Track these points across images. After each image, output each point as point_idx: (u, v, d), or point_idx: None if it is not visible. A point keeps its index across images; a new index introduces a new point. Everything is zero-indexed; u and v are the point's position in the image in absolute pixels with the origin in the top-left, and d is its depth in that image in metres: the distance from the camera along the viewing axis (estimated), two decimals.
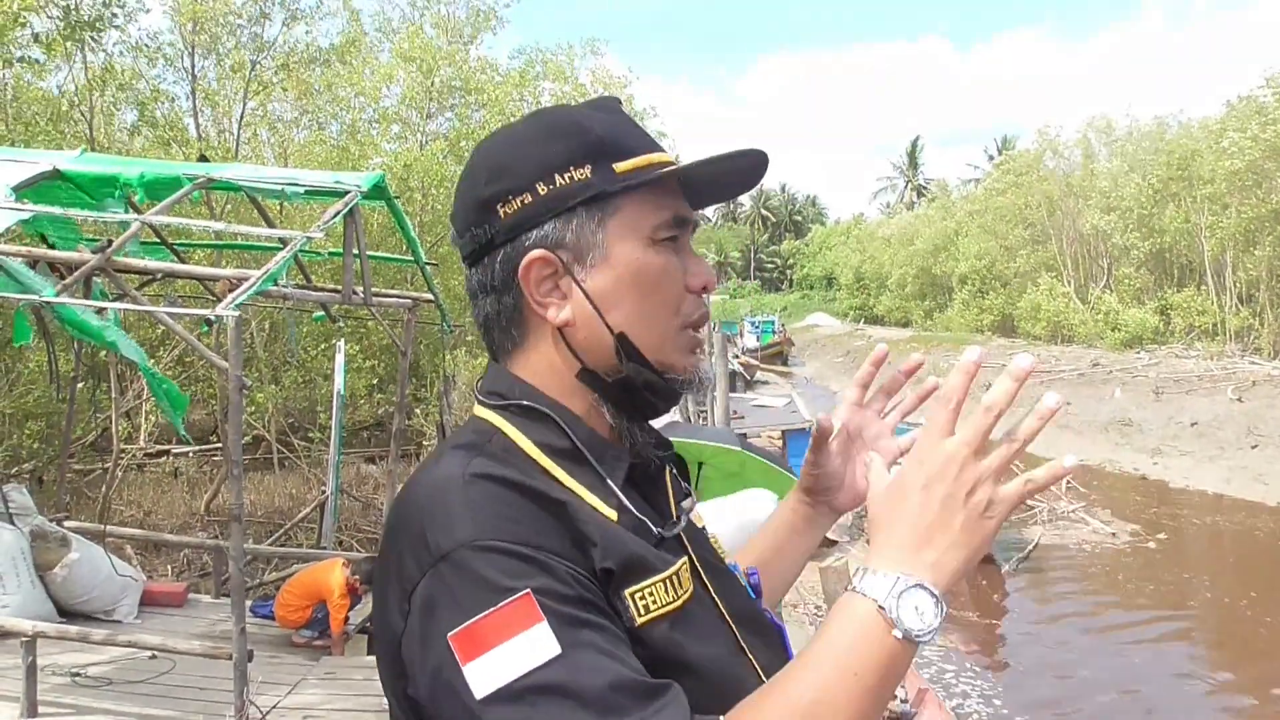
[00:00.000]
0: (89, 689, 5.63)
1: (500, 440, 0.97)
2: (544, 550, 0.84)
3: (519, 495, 0.88)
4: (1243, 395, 19.36)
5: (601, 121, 1.02)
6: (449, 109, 18.01)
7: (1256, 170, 23.88)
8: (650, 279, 1.00)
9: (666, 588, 0.92)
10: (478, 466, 0.90)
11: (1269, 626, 9.50)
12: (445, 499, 0.88)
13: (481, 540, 0.83)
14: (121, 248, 5.08)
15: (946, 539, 0.86)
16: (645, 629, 0.88)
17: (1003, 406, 0.85)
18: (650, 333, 1.01)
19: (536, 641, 0.78)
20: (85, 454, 11.37)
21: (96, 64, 13.23)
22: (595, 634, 0.81)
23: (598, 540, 0.89)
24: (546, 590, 0.81)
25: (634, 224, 0.99)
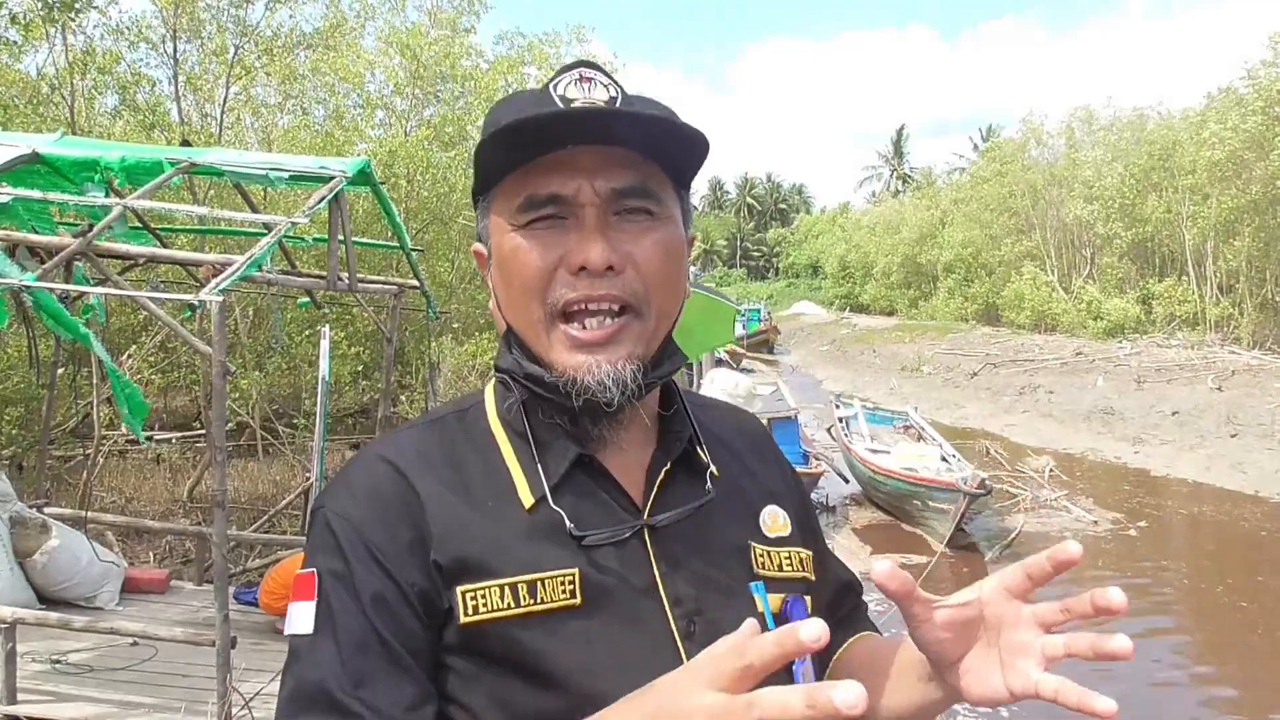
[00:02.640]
0: (69, 676, 5.60)
1: (476, 410, 1.05)
2: (363, 537, 0.91)
3: (386, 482, 0.95)
4: (1222, 385, 19.51)
5: (505, 108, 1.00)
6: (434, 96, 17.91)
7: (1236, 161, 24.04)
8: (507, 265, 0.97)
9: (504, 592, 0.90)
10: (388, 445, 1.00)
11: (1244, 611, 9.60)
12: (348, 466, 1.00)
13: (325, 508, 0.95)
14: (103, 232, 5.04)
15: None
16: (475, 628, 0.90)
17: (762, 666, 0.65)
18: (520, 323, 0.99)
19: (304, 614, 0.90)
20: (66, 440, 11.30)
21: (76, 46, 13.10)
22: (345, 633, 0.88)
23: (438, 535, 0.93)
24: (335, 574, 0.91)
25: (501, 211, 0.98)
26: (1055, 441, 19.10)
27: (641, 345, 0.96)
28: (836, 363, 36.11)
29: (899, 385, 27.53)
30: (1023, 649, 0.87)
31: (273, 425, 12.49)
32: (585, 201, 0.93)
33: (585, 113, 0.92)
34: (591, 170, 0.93)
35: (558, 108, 0.93)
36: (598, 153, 0.93)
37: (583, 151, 0.93)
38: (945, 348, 31.34)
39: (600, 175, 0.94)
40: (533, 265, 0.94)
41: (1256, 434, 16.83)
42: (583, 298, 0.93)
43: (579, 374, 0.94)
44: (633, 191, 0.95)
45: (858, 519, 13.50)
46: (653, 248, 0.96)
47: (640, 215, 0.96)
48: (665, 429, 1.06)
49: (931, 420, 17.99)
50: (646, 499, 1.00)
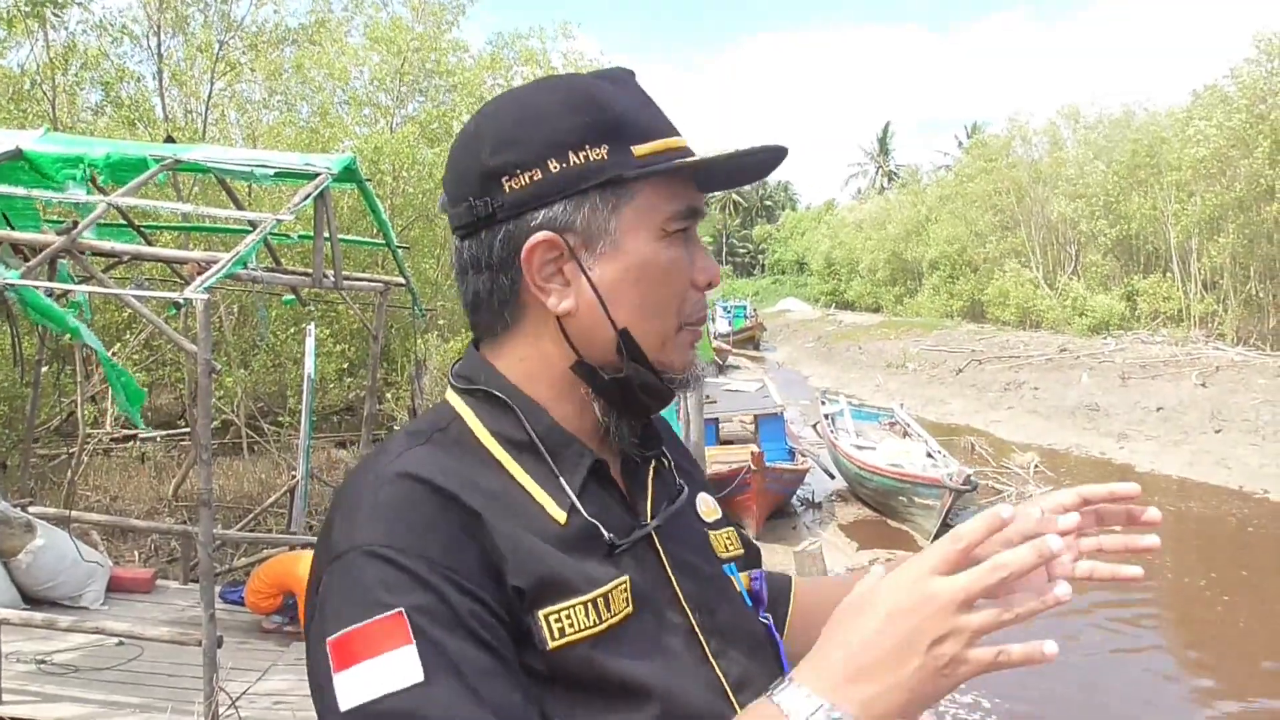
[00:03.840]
0: (55, 676, 5.57)
1: (457, 426, 0.94)
2: (438, 565, 0.80)
3: (434, 500, 0.84)
4: (1206, 381, 19.63)
5: (620, 98, 0.95)
6: (420, 92, 17.86)
7: (1221, 158, 24.19)
8: (658, 274, 0.94)
9: (588, 610, 0.87)
10: (405, 461, 0.87)
11: (1226, 604, 9.70)
12: (359, 495, 0.86)
13: (372, 546, 0.80)
14: (87, 229, 5.01)
15: (891, 679, 0.76)
16: (560, 652, 0.84)
17: (1013, 574, 0.75)
18: (652, 331, 0.95)
19: (401, 664, 0.76)
20: (50, 439, 11.23)
21: (59, 42, 13.00)
22: (467, 664, 0.77)
23: (509, 556, 0.85)
24: (424, 609, 0.78)
25: (648, 213, 0.93)
26: (1040, 437, 19.21)
27: None
28: (822, 359, 36.21)
29: (884, 382, 27.63)
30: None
31: (258, 423, 12.44)
32: (699, 220, 0.99)
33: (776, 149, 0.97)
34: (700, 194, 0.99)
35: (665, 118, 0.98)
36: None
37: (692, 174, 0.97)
38: (930, 344, 31.44)
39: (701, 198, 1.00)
40: (685, 277, 0.97)
41: (1240, 430, 16.95)
42: (704, 315, 1.01)
43: (693, 369, 1.00)
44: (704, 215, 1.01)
45: (844, 515, 13.55)
46: None
47: None
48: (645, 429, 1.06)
49: (917, 416, 18.08)
50: (641, 502, 1.00)
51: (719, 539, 1.10)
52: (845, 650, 0.77)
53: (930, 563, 0.77)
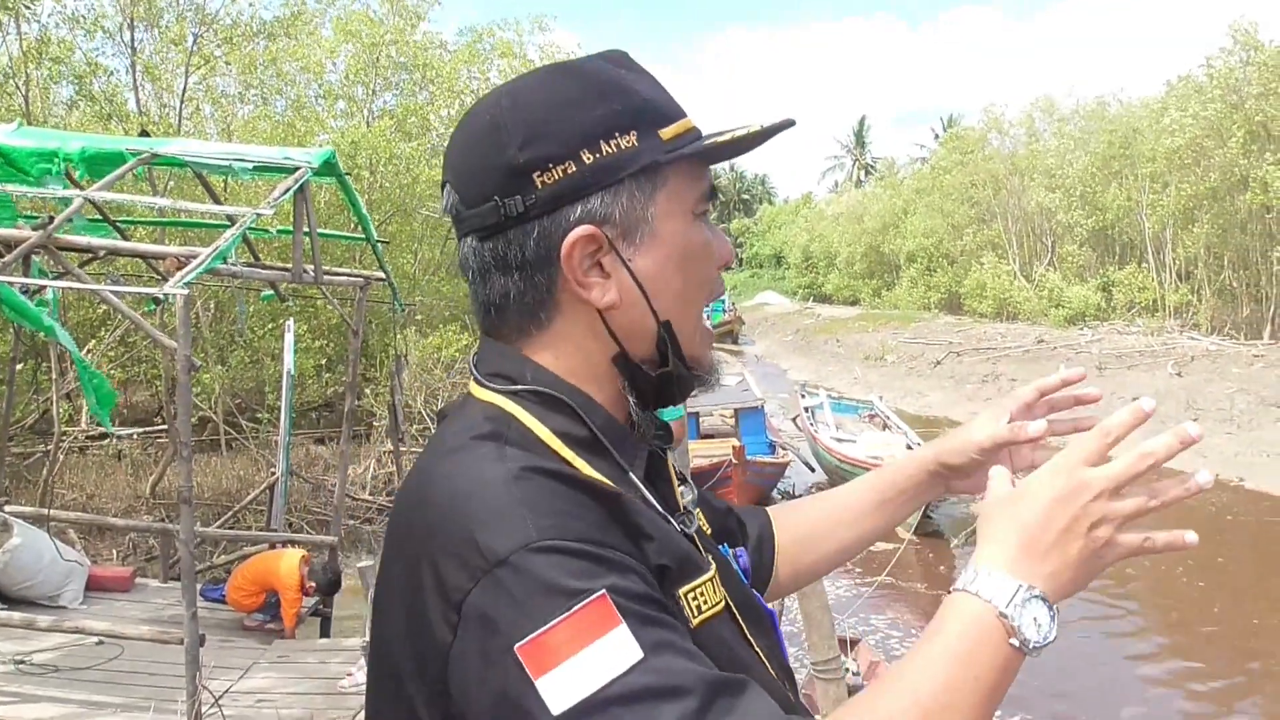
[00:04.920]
0: (34, 677, 5.51)
1: (518, 428, 0.88)
2: (609, 546, 0.77)
3: (574, 490, 0.81)
4: (1182, 370, 19.83)
5: (638, 81, 0.93)
6: (394, 86, 17.76)
7: (1196, 148, 24.40)
8: (696, 257, 0.93)
9: (714, 587, 0.89)
10: (519, 459, 0.83)
11: (1202, 590, 9.82)
12: (492, 497, 0.80)
13: (543, 541, 0.75)
14: (63, 224, 4.94)
15: (1060, 558, 0.83)
16: (702, 629, 0.84)
17: (1159, 460, 0.82)
18: (687, 320, 0.94)
19: (617, 646, 0.71)
20: (25, 436, 11.11)
21: (30, 35, 12.84)
22: (672, 633, 0.75)
23: (654, 535, 0.84)
24: (620, 590, 0.74)
25: (679, 197, 0.91)
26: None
27: None
28: (801, 352, 36.29)
29: (863, 374, 27.72)
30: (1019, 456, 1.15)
31: (236, 420, 12.36)
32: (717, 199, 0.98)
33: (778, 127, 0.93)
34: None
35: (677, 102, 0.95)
36: None
37: None
38: (909, 337, 31.59)
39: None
40: (715, 259, 0.96)
41: (1216, 418, 17.12)
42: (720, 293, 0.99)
43: (715, 370, 1.00)
44: None
45: None
46: None
47: None
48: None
49: (896, 409, 18.15)
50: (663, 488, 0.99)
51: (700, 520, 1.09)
52: (1017, 535, 0.84)
53: (1083, 453, 0.85)
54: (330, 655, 6.36)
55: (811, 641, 4.17)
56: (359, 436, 12.65)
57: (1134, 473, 0.83)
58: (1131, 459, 0.82)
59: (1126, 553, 0.85)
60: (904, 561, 10.53)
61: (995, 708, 0.80)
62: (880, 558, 10.75)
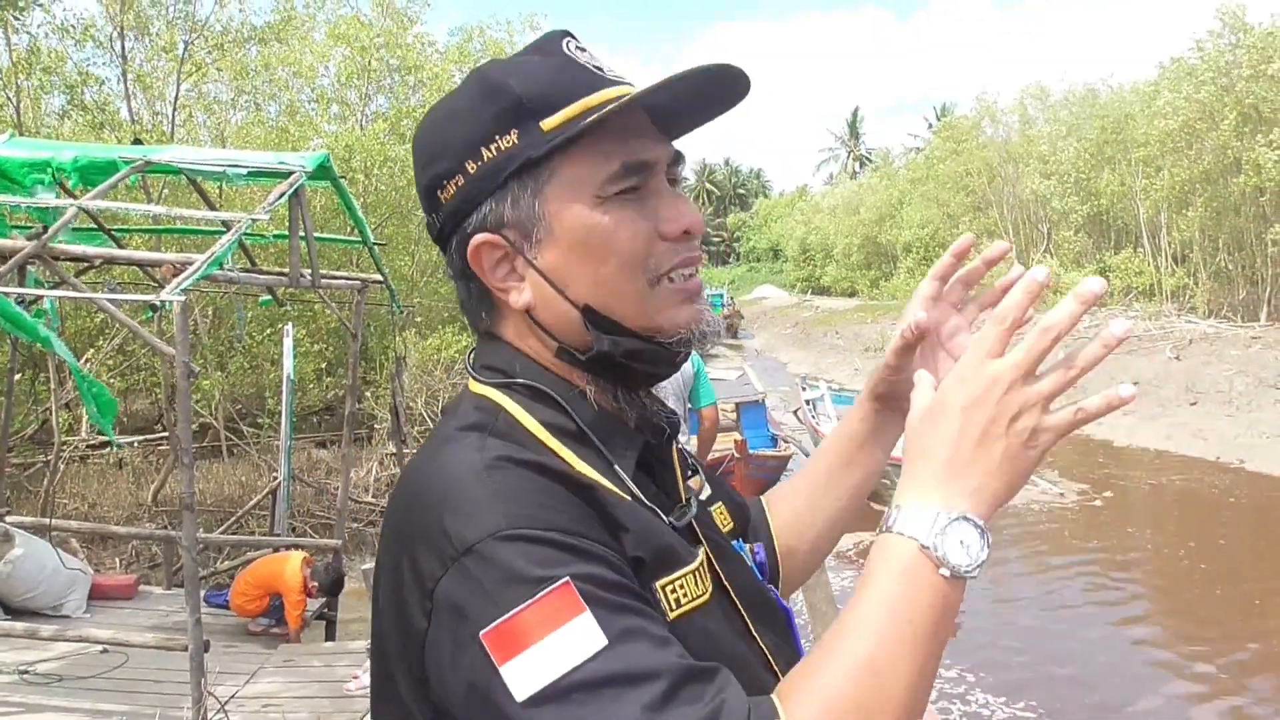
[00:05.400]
0: (38, 686, 5.51)
1: (506, 419, 0.90)
2: (580, 535, 0.78)
3: (547, 479, 0.82)
4: (1180, 354, 19.84)
5: (528, 73, 0.90)
6: (387, 89, 17.75)
7: (1189, 131, 24.39)
8: (599, 242, 0.89)
9: (696, 580, 0.88)
10: (496, 449, 0.84)
11: (1204, 572, 9.82)
12: (465, 486, 0.81)
13: (510, 529, 0.76)
14: (58, 234, 4.94)
15: (985, 467, 0.79)
16: (680, 622, 0.83)
17: (1063, 330, 0.77)
18: (620, 298, 0.91)
19: (581, 633, 0.72)
20: (25, 447, 11.10)
21: (20, 46, 12.82)
22: (641, 620, 0.75)
23: (630, 526, 0.84)
24: (587, 577, 0.75)
25: (576, 184, 0.89)
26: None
27: None
28: (800, 345, 36.31)
29: (863, 365, 27.71)
30: (955, 331, 1.07)
31: (237, 425, 12.36)
32: (661, 168, 0.93)
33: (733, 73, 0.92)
34: (657, 136, 0.93)
35: (595, 73, 0.91)
36: (646, 119, 0.92)
37: (640, 117, 0.91)
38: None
39: (664, 143, 0.94)
40: (637, 237, 0.89)
41: (1215, 401, 17.15)
42: (685, 260, 0.93)
43: (695, 325, 0.93)
44: (679, 159, 0.96)
45: None
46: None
47: (677, 185, 0.96)
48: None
49: None
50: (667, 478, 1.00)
51: (718, 514, 1.10)
52: (936, 457, 0.81)
53: (984, 348, 0.81)
54: (336, 659, 6.37)
55: (816, 634, 4.18)
56: (360, 439, 12.65)
57: (1038, 352, 0.79)
58: (1032, 339, 0.78)
59: (1059, 433, 0.80)
60: None
61: (944, 641, 0.78)
62: None
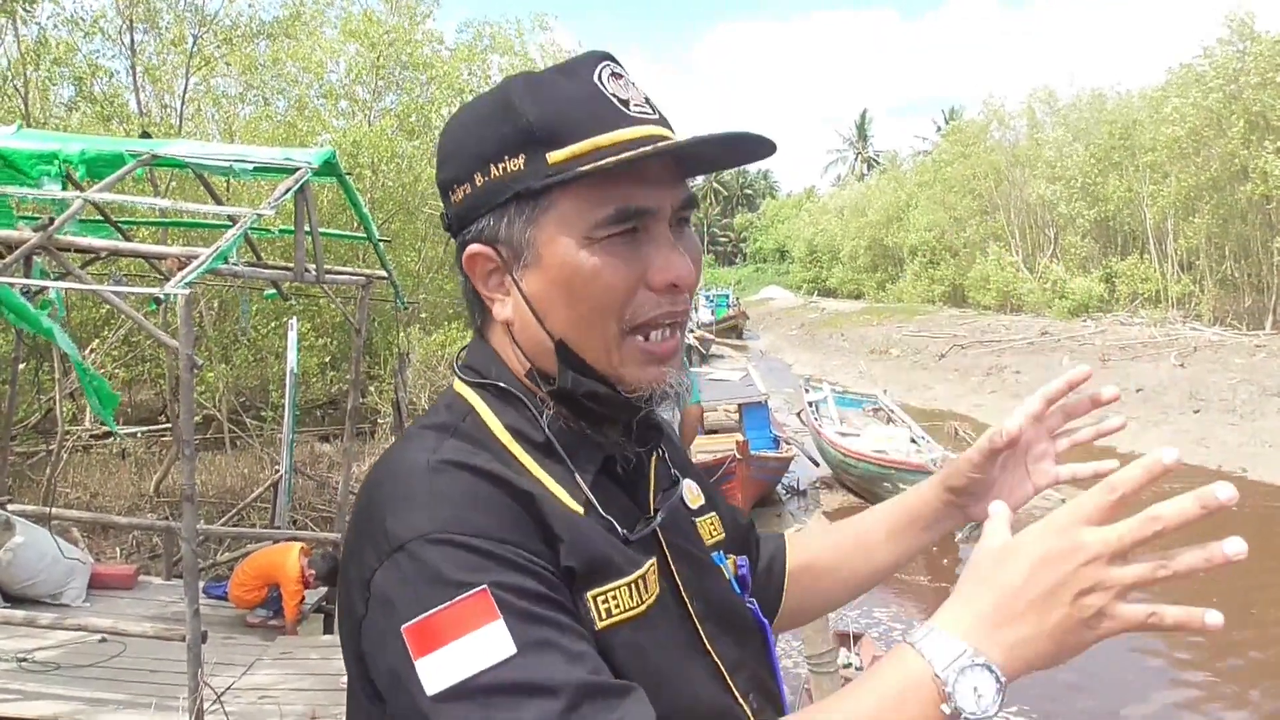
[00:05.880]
0: (36, 674, 5.54)
1: (473, 420, 0.94)
2: (507, 544, 0.81)
3: (487, 485, 0.85)
4: (1185, 361, 19.82)
5: (548, 98, 0.91)
6: (396, 85, 17.77)
7: (1196, 137, 24.33)
8: (580, 283, 0.90)
9: (631, 591, 0.89)
10: (447, 451, 0.88)
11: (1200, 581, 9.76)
12: (409, 486, 0.85)
13: (440, 532, 0.80)
14: (64, 225, 4.96)
15: (1034, 627, 0.75)
16: (605, 633, 0.85)
17: (1170, 525, 0.73)
18: (590, 342, 0.92)
19: (491, 640, 0.76)
20: (28, 436, 11.15)
21: (29, 37, 12.86)
22: (556, 633, 0.78)
23: (564, 536, 0.86)
24: (505, 585, 0.78)
25: (569, 221, 0.89)
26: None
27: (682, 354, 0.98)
28: (805, 347, 36.27)
29: (868, 368, 27.69)
30: (1042, 455, 1.09)
31: (240, 418, 12.39)
32: (663, 216, 0.92)
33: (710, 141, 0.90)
34: (667, 183, 0.92)
35: (618, 109, 0.91)
36: (668, 165, 0.92)
37: (663, 164, 0.91)
38: (913, 330, 31.57)
39: (672, 188, 0.93)
40: (618, 285, 0.90)
41: (1219, 409, 17.08)
42: (664, 315, 0.92)
43: (656, 386, 0.93)
44: (690, 203, 0.95)
45: (829, 502, 13.59)
46: (699, 259, 0.96)
47: (684, 225, 0.96)
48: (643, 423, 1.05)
49: (901, 402, 18.12)
50: (641, 488, 1.02)
51: (704, 525, 1.12)
52: (989, 596, 0.77)
53: (1083, 511, 0.76)
54: (333, 652, 6.38)
55: (805, 635, 4.19)
56: (363, 434, 12.69)
57: (1138, 538, 0.74)
58: (1136, 522, 0.74)
59: (1125, 626, 0.75)
60: None
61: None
62: None
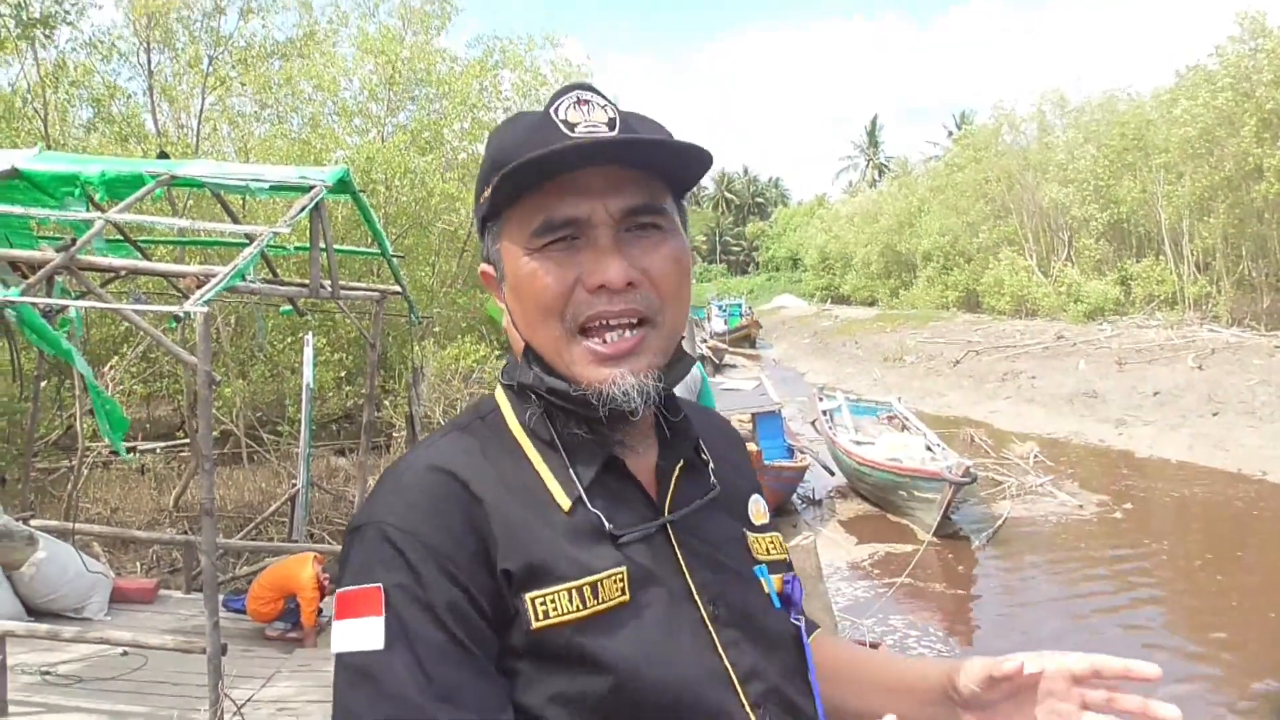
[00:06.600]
0: (59, 687, 5.61)
1: (495, 418, 1.07)
2: (433, 551, 0.91)
3: (442, 490, 0.95)
4: (1202, 363, 19.67)
5: (508, 132, 1.03)
6: (409, 100, 17.89)
7: (1209, 137, 24.18)
8: (524, 288, 1.00)
9: (572, 596, 0.94)
10: (434, 453, 1.00)
11: (1220, 584, 9.77)
12: (395, 476, 0.99)
13: (380, 523, 0.93)
14: (86, 245, 5.05)
15: None
16: (543, 632, 0.92)
17: None
18: (544, 343, 1.02)
19: (370, 630, 0.89)
20: (50, 452, 11.27)
21: (49, 60, 13.04)
22: (423, 645, 0.88)
23: (502, 540, 0.94)
24: (403, 588, 0.90)
25: (514, 236, 1.01)
26: (1039, 426, 19.20)
27: (660, 355, 1.01)
28: (819, 355, 36.18)
29: (882, 376, 27.63)
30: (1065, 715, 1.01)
31: (257, 433, 12.48)
32: (599, 222, 0.98)
33: (594, 145, 0.95)
34: (602, 191, 0.98)
35: (561, 133, 0.97)
36: (606, 173, 0.98)
37: (592, 174, 0.97)
38: (927, 336, 31.49)
39: (611, 196, 0.98)
40: (551, 287, 0.98)
41: (1238, 411, 16.95)
42: (600, 314, 0.98)
43: (604, 386, 0.98)
44: (643, 209, 1.00)
45: (844, 511, 13.57)
46: (665, 261, 1.01)
47: (651, 230, 1.01)
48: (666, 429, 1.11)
49: (915, 410, 18.04)
50: (662, 497, 1.06)
51: (761, 541, 1.15)
52: None
53: None
54: None
55: None
56: (378, 447, 12.75)
57: None
58: None
59: None
60: (924, 563, 10.53)
61: None
62: (900, 559, 10.77)
